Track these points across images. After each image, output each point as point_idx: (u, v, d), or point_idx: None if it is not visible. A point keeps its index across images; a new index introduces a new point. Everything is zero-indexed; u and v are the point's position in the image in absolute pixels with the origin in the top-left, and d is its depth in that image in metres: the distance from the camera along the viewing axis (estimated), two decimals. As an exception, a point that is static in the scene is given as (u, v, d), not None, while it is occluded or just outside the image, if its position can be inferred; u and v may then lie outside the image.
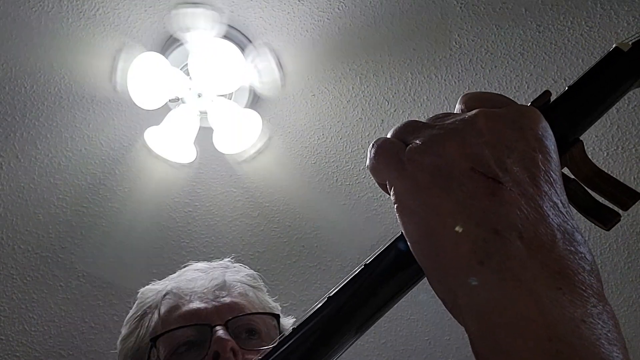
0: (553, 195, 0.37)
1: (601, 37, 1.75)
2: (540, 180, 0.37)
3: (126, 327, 0.98)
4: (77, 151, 1.93)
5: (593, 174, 0.41)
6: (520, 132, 0.38)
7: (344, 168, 2.03)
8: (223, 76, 1.71)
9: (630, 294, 2.27)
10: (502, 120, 0.39)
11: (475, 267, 0.35)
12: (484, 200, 0.36)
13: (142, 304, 0.99)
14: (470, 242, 0.35)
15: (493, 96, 0.42)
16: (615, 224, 0.40)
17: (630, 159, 1.98)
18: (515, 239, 0.35)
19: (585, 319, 0.33)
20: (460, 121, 0.39)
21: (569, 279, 0.34)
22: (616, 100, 0.42)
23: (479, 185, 0.36)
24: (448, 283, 0.36)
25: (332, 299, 0.42)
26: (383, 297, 0.42)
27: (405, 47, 1.78)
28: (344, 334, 0.42)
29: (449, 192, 0.36)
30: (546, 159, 0.38)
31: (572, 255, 0.35)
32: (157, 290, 0.98)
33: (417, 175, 0.38)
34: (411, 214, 0.38)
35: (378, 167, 0.41)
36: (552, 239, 0.35)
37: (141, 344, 0.93)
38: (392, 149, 0.41)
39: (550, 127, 0.40)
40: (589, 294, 0.34)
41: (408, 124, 0.42)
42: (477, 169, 0.36)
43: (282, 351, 0.43)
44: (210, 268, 1.01)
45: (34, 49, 1.72)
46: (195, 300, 0.92)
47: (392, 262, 0.42)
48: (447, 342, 2.36)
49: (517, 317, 0.33)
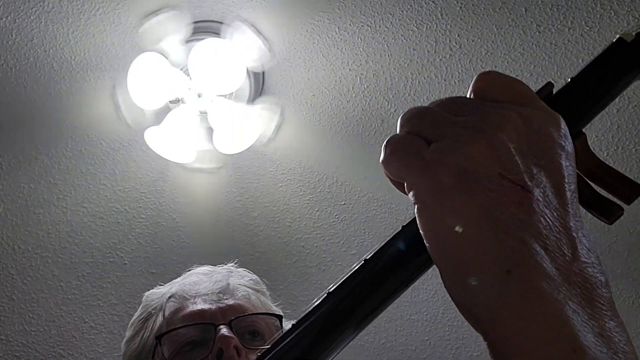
0: (574, 205, 0.36)
1: (601, 37, 1.75)
2: (564, 189, 0.36)
3: (131, 330, 0.99)
4: (76, 151, 1.93)
5: (596, 168, 0.41)
6: (548, 139, 0.37)
7: (344, 168, 2.03)
8: (223, 76, 1.71)
9: (630, 294, 2.27)
10: (531, 125, 0.37)
11: (501, 276, 0.34)
12: (511, 208, 0.35)
13: (146, 306, 1.00)
14: (497, 250, 0.34)
15: (512, 83, 0.40)
16: (618, 218, 0.40)
17: (630, 159, 1.98)
18: (540, 249, 0.34)
19: (603, 332, 0.33)
20: (488, 121, 0.37)
21: (588, 292, 0.34)
22: (619, 91, 0.41)
23: (507, 192, 0.35)
24: (468, 288, 0.35)
25: (332, 294, 0.42)
26: (383, 293, 0.41)
27: (404, 47, 1.78)
28: (344, 330, 0.41)
29: (474, 196, 0.35)
30: (568, 167, 0.37)
31: (590, 268, 0.35)
32: (162, 293, 0.99)
33: (440, 176, 0.36)
34: (433, 217, 0.37)
35: (396, 165, 0.39)
36: (574, 252, 0.35)
37: (145, 345, 0.94)
38: (413, 147, 0.38)
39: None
40: (606, 307, 0.34)
41: (424, 115, 0.39)
42: (505, 175, 0.35)
43: (281, 347, 0.43)
44: (214, 272, 1.02)
45: (34, 48, 1.72)
46: (199, 301, 0.93)
47: (392, 257, 0.41)
48: (447, 342, 2.36)
49: (542, 326, 0.32)
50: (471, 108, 0.39)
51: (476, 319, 0.36)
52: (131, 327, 1.00)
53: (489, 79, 0.41)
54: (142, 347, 0.94)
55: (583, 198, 0.40)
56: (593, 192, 0.41)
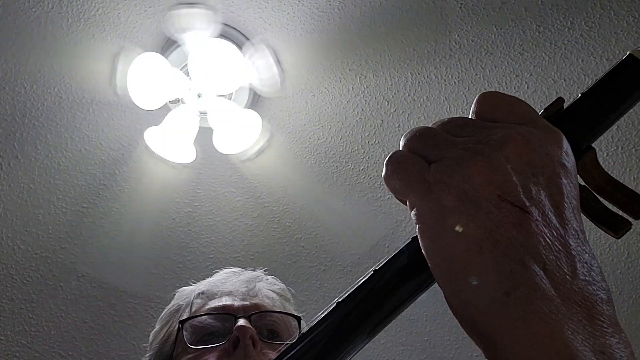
0: (574, 223, 0.37)
1: (601, 37, 1.75)
2: (563, 208, 0.37)
3: (159, 322, 1.03)
4: (76, 152, 1.93)
5: (605, 182, 0.41)
6: (547, 158, 0.37)
7: (344, 168, 2.03)
8: (223, 76, 1.71)
9: (630, 294, 2.27)
10: (530, 144, 0.37)
11: (500, 298, 0.34)
12: (510, 231, 0.35)
13: (176, 300, 1.03)
14: (497, 272, 0.35)
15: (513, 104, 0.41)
16: (626, 232, 0.40)
17: (630, 159, 1.98)
18: (539, 270, 0.34)
19: (604, 350, 0.33)
20: (487, 142, 0.38)
21: (589, 310, 0.34)
22: (629, 108, 0.42)
23: (506, 214, 0.35)
24: (469, 308, 0.36)
25: (341, 304, 0.42)
26: (392, 304, 0.42)
27: (405, 47, 1.78)
28: (352, 340, 0.41)
29: (475, 218, 0.36)
30: (569, 185, 0.37)
31: (591, 286, 0.35)
32: (191, 289, 1.03)
33: (443, 198, 0.37)
34: (435, 238, 0.37)
35: (398, 184, 0.39)
36: (573, 270, 0.35)
37: (171, 335, 0.97)
38: (414, 167, 0.39)
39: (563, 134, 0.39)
40: (607, 324, 0.34)
41: (425, 135, 0.40)
42: (504, 197, 0.36)
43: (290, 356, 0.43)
44: (243, 273, 1.05)
45: (33, 49, 1.72)
46: (225, 298, 0.97)
47: (401, 269, 0.41)
48: (447, 342, 2.37)
49: (542, 348, 0.33)
50: (472, 129, 0.39)
51: (477, 336, 0.36)
52: (160, 319, 1.03)
53: (489, 99, 0.41)
54: (167, 336, 0.98)
55: (591, 212, 0.41)
56: (601, 206, 0.41)
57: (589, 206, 0.41)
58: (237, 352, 0.86)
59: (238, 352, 0.86)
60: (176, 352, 0.93)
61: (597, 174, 0.41)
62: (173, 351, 0.93)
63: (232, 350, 0.87)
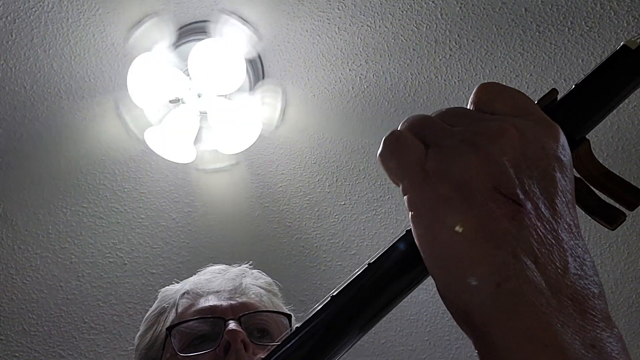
0: (567, 217, 0.37)
1: (601, 37, 1.75)
2: (557, 201, 0.36)
3: (144, 324, 1.01)
4: (76, 151, 1.93)
5: (599, 174, 0.41)
6: (542, 151, 0.37)
7: (344, 168, 2.03)
8: (223, 76, 1.71)
9: (630, 294, 2.27)
10: (526, 137, 0.37)
11: (491, 290, 0.34)
12: (504, 223, 0.35)
13: (161, 302, 1.01)
14: (489, 264, 0.35)
15: (512, 95, 0.40)
16: (621, 224, 0.40)
17: (630, 159, 1.98)
18: (531, 263, 0.34)
19: (595, 343, 0.33)
20: (483, 133, 0.37)
21: (580, 304, 0.34)
22: (623, 98, 0.42)
23: (500, 206, 0.35)
24: (461, 299, 0.36)
25: (336, 298, 0.42)
26: (387, 297, 0.41)
27: (404, 47, 1.78)
28: (347, 333, 0.41)
29: (469, 210, 0.36)
30: (564, 179, 0.37)
31: (583, 280, 0.35)
32: (176, 289, 1.01)
33: (438, 187, 0.36)
34: (428, 227, 0.37)
35: (394, 166, 0.39)
36: (565, 264, 0.35)
37: (157, 339, 0.95)
38: (412, 151, 0.38)
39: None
40: (598, 318, 0.34)
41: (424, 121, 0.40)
42: (499, 189, 0.36)
43: (283, 351, 0.43)
44: (228, 270, 1.03)
45: (33, 49, 1.72)
46: (211, 298, 0.95)
47: (396, 262, 0.41)
48: (447, 342, 2.36)
49: (531, 340, 0.33)
50: (469, 119, 0.39)
51: (468, 327, 0.36)
52: (145, 321, 1.01)
53: (487, 90, 0.41)
54: (154, 340, 0.96)
55: (586, 204, 0.41)
56: (596, 198, 0.41)
57: (583, 198, 0.40)
58: (228, 357, 0.85)
59: (230, 357, 0.85)
60: (164, 358, 0.91)
61: (591, 165, 0.41)
62: (161, 357, 0.92)
63: (224, 355, 0.86)
